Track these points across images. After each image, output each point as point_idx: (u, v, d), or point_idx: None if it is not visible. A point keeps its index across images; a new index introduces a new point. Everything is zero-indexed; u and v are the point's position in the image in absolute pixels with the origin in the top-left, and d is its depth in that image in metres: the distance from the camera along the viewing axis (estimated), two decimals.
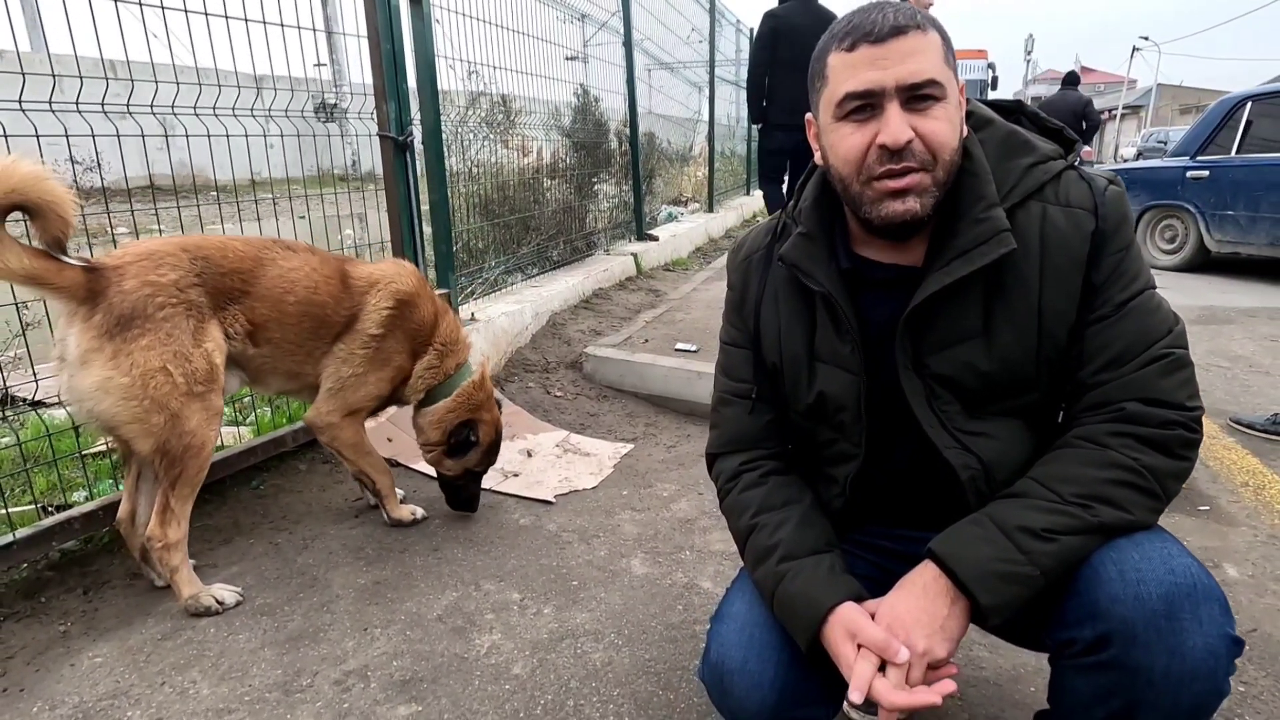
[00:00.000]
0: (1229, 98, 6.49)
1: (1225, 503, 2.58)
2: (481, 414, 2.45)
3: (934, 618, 1.02)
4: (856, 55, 1.03)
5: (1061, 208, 1.09)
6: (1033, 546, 1.00)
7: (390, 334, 2.31)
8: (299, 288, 2.15)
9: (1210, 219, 6.50)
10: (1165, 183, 6.71)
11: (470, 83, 4.31)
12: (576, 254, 5.52)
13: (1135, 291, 1.07)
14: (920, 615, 1.02)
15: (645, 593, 2.10)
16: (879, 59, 1.02)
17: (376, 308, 2.27)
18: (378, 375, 2.32)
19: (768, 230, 1.34)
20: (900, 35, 1.02)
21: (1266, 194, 6.03)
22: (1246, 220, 6.22)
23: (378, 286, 2.30)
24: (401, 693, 1.71)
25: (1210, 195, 6.46)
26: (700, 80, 9.70)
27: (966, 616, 1.03)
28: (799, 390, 1.25)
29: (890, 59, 1.01)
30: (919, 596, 1.04)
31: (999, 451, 1.13)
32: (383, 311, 2.28)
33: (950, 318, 1.11)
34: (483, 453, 2.46)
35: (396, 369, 2.35)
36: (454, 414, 2.41)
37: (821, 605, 1.09)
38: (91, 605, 2.04)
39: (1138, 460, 1.01)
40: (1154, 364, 1.04)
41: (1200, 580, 0.95)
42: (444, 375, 2.42)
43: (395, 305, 2.31)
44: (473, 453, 2.44)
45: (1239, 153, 6.25)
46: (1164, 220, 6.96)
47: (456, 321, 2.53)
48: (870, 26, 1.03)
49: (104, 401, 1.79)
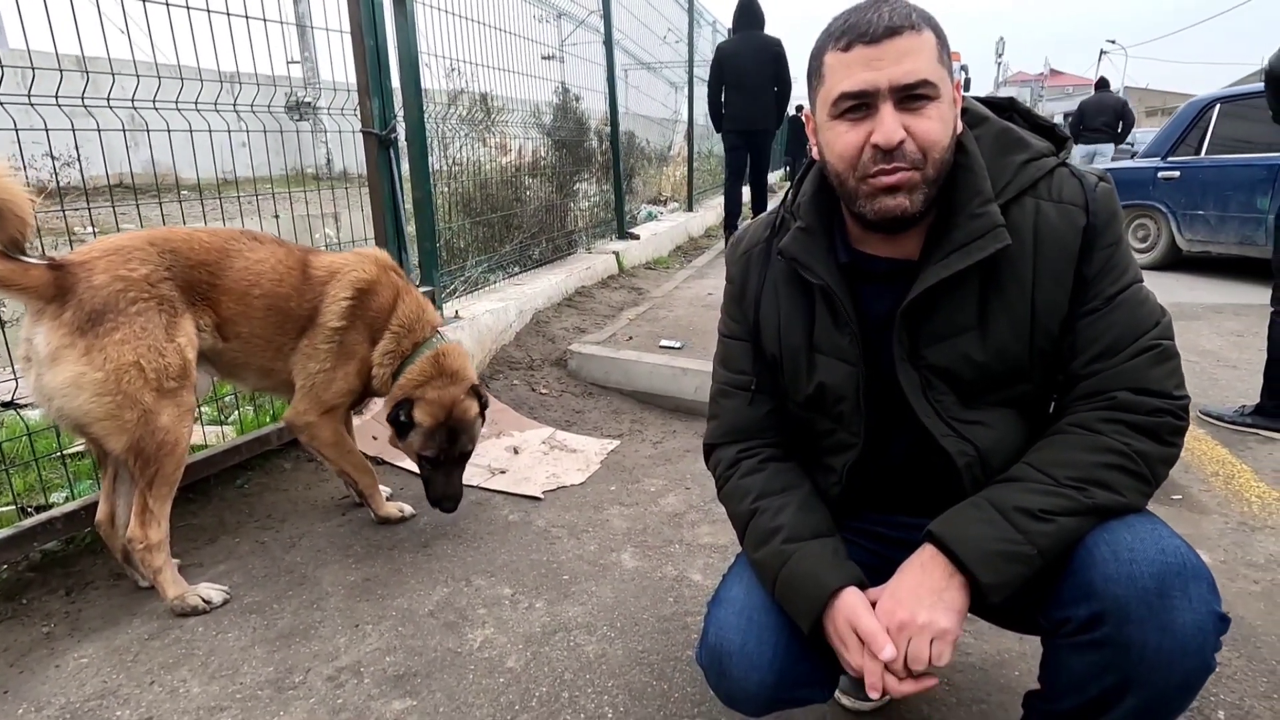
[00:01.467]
0: (1197, 100, 6.64)
1: (1197, 492, 2.66)
2: (425, 391, 2.26)
3: (933, 590, 1.05)
4: (852, 55, 1.05)
5: (1054, 203, 1.12)
6: (1030, 527, 1.04)
7: (352, 325, 2.24)
8: (264, 280, 2.11)
9: (1181, 219, 6.65)
10: (1137, 183, 6.85)
11: (450, 81, 4.30)
12: (559, 252, 5.52)
13: (1125, 285, 1.11)
14: (919, 590, 1.05)
15: (636, 585, 2.11)
16: (874, 59, 1.04)
17: (336, 299, 2.22)
18: (345, 369, 2.25)
19: (767, 224, 1.36)
20: (895, 35, 1.03)
21: (1234, 194, 6.18)
22: (1216, 220, 6.37)
23: (337, 276, 2.24)
24: (396, 687, 1.71)
25: (1181, 195, 6.61)
26: (679, 80, 9.74)
27: (966, 592, 1.05)
28: (798, 381, 1.28)
29: (885, 59, 1.03)
30: (917, 573, 1.07)
31: (994, 439, 1.17)
32: (342, 303, 2.22)
33: (947, 310, 1.14)
34: (423, 435, 2.24)
35: (361, 360, 2.28)
36: (397, 394, 2.27)
37: (827, 587, 1.11)
38: (75, 606, 2.01)
39: (1129, 445, 1.05)
40: (1143, 354, 1.08)
41: (1189, 560, 0.99)
42: (400, 357, 2.31)
43: (354, 295, 2.24)
44: (413, 435, 2.25)
45: (1207, 154, 6.40)
46: (1137, 220, 7.10)
47: (420, 302, 2.39)
48: (865, 26, 1.05)
49: (76, 398, 1.75)
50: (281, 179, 3.27)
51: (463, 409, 2.29)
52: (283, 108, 2.80)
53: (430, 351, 2.31)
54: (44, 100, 2.03)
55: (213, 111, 2.53)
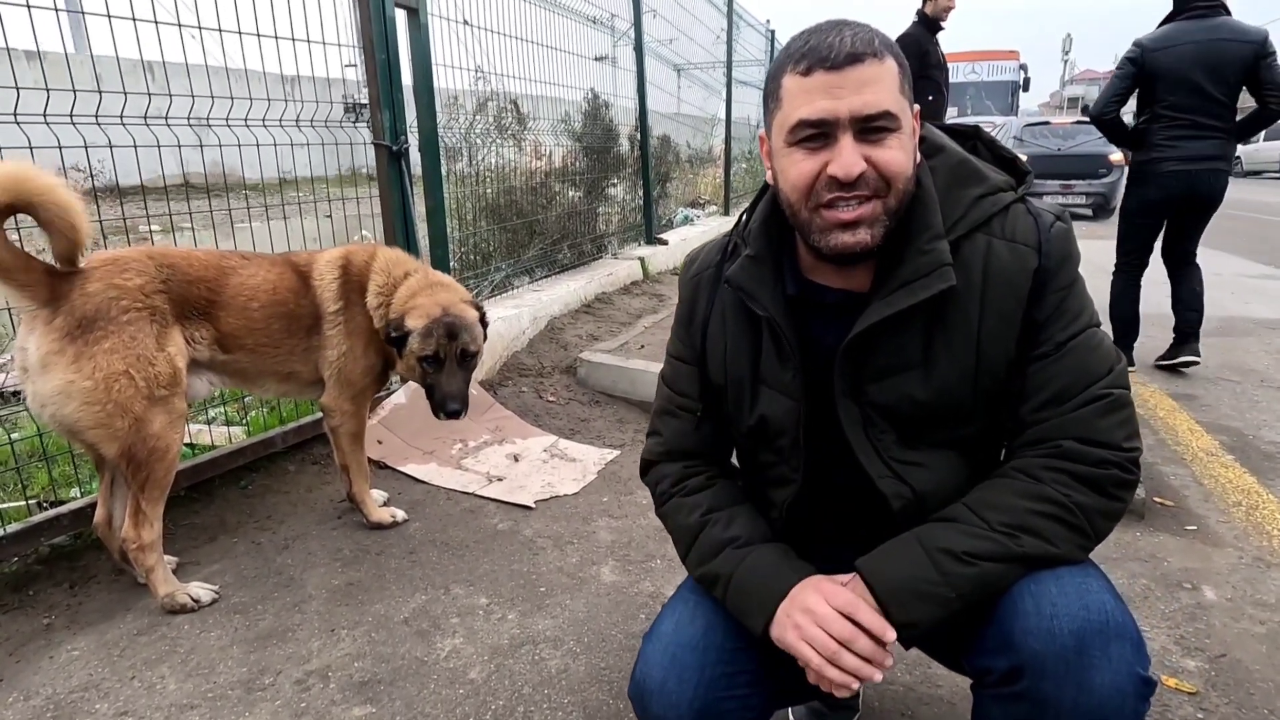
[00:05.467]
0: None
1: (1214, 522, 2.53)
2: (414, 301, 2.29)
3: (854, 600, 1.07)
4: (811, 81, 1.02)
5: (1006, 242, 1.08)
6: (951, 568, 1.02)
7: (349, 301, 2.34)
8: (260, 293, 2.20)
9: None
10: None
11: (478, 86, 4.38)
12: (584, 258, 5.56)
13: (1076, 330, 1.07)
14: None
15: (610, 600, 2.12)
16: (834, 87, 1.00)
17: (326, 284, 2.32)
18: (359, 345, 2.35)
19: (719, 248, 1.34)
20: (856, 63, 1.00)
21: None
22: None
23: (317, 264, 2.35)
24: (359, 694, 1.75)
25: None
26: (718, 83, 9.68)
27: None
28: (741, 412, 1.26)
29: (846, 88, 1.00)
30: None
31: (933, 482, 1.14)
32: (332, 284, 2.32)
33: (890, 347, 1.11)
34: (420, 336, 2.24)
35: (368, 333, 2.36)
36: (390, 317, 2.31)
37: (784, 587, 1.12)
38: (76, 599, 2.12)
39: (1068, 496, 1.02)
40: (1093, 404, 1.04)
41: (1114, 618, 0.96)
42: (391, 289, 2.35)
43: (339, 272, 2.34)
44: (410, 340, 2.25)
45: None
46: None
47: (399, 253, 2.48)
48: (827, 51, 1.01)
49: (67, 406, 1.82)
50: (336, 179, 3.41)
51: (459, 309, 2.31)
52: (326, 123, 2.96)
53: (417, 276, 2.38)
54: (135, 120, 2.32)
55: (277, 127, 2.78)
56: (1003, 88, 19.27)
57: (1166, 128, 3.74)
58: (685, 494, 1.30)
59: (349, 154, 3.19)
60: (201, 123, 2.53)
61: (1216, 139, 3.69)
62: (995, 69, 19.40)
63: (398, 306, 2.31)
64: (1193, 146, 3.70)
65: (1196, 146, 3.70)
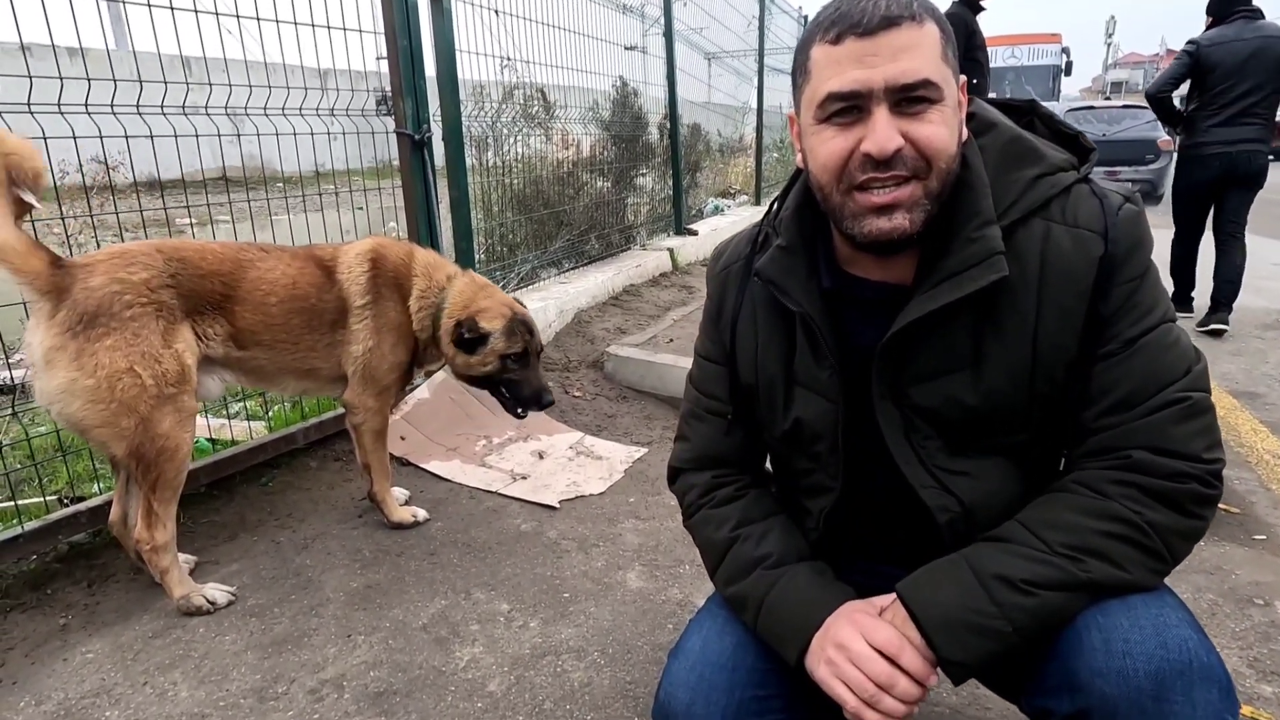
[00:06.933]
0: None
1: None
2: (478, 303, 2.32)
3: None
4: (841, 49, 0.91)
5: (1067, 228, 0.96)
6: (1008, 598, 0.90)
7: (378, 295, 2.28)
8: (279, 287, 2.14)
9: None
10: None
11: (505, 75, 4.30)
12: (612, 249, 5.45)
13: (1148, 326, 0.94)
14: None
15: (637, 609, 2.03)
16: (867, 55, 0.90)
17: (354, 277, 2.25)
18: (388, 341, 2.29)
19: (748, 239, 1.24)
20: (892, 27, 0.89)
21: None
22: None
23: (343, 257, 2.29)
24: (373, 705, 1.68)
25: None
26: (750, 70, 9.49)
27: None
28: (775, 414, 1.16)
29: (880, 55, 0.89)
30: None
31: (982, 493, 1.03)
32: (361, 278, 2.26)
33: (935, 346, 1.00)
34: (504, 334, 2.30)
35: (398, 329, 2.31)
36: (448, 322, 2.31)
37: (820, 615, 1.03)
38: (94, 599, 2.08)
39: (1140, 514, 0.90)
40: (1167, 409, 0.92)
41: (1198, 658, 0.84)
42: (435, 293, 2.34)
43: (369, 265, 2.28)
44: (492, 340, 2.30)
45: None
46: None
47: (431, 252, 2.48)
48: (859, 15, 0.90)
49: (71, 404, 1.77)
50: (370, 172, 3.37)
51: (521, 307, 2.43)
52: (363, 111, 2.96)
53: (463, 278, 2.40)
54: (174, 110, 2.33)
55: (314, 115, 2.75)
56: (1044, 72, 18.65)
57: (1212, 115, 4.32)
58: (714, 505, 1.21)
59: (381, 146, 3.15)
60: (238, 111, 2.51)
61: (1257, 125, 4.26)
62: (1036, 53, 18.78)
63: (458, 309, 2.32)
64: (1233, 131, 4.29)
65: (1237, 131, 4.28)
